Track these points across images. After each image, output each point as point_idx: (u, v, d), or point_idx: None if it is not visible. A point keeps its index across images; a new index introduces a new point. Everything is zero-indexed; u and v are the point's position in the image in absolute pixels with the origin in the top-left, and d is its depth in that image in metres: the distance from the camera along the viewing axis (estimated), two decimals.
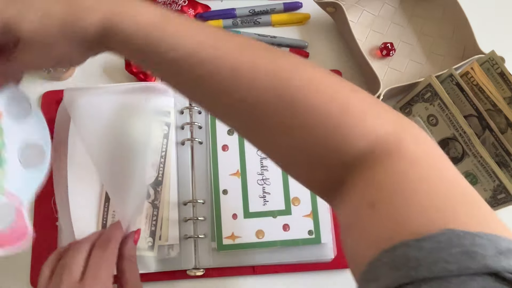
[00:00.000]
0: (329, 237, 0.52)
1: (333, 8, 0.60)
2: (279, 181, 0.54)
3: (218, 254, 0.52)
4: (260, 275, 0.53)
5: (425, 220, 0.25)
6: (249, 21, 0.64)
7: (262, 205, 0.53)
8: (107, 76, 0.61)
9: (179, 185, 0.54)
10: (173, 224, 0.52)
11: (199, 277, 0.52)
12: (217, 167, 0.54)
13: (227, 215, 0.53)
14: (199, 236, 0.52)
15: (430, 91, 0.54)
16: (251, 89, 0.30)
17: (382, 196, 0.28)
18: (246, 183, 0.54)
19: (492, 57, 0.52)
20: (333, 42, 0.65)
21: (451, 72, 0.54)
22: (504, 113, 0.51)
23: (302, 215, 0.52)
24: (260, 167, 0.54)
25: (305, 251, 0.52)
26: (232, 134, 0.56)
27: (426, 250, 0.24)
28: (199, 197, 0.54)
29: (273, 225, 0.52)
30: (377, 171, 0.29)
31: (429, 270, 0.23)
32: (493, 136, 0.52)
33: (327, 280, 0.53)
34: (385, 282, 0.24)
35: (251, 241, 0.52)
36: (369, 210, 0.28)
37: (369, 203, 0.28)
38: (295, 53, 0.62)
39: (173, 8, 0.62)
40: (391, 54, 0.63)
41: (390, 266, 0.25)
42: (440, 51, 0.63)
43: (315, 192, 0.35)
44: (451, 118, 0.53)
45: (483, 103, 0.53)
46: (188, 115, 0.57)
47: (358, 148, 0.29)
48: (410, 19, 0.65)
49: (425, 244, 0.24)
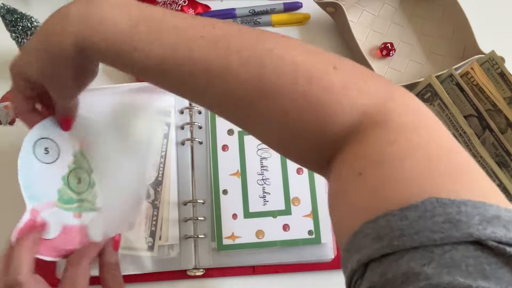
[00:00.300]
0: (329, 237, 0.52)
1: (333, 8, 0.60)
2: (279, 181, 0.54)
3: (218, 254, 0.52)
4: (260, 275, 0.53)
5: (410, 190, 0.25)
6: (249, 21, 0.64)
7: (262, 205, 0.53)
8: (107, 76, 0.61)
9: (179, 185, 0.54)
10: (173, 224, 0.52)
11: (199, 277, 0.52)
12: (217, 167, 0.54)
13: (227, 215, 0.53)
14: (199, 236, 0.52)
15: (430, 91, 0.54)
16: (227, 84, 0.31)
17: (368, 166, 0.27)
18: (246, 183, 0.54)
19: (492, 57, 0.52)
20: (333, 42, 0.65)
21: (451, 72, 0.54)
22: (504, 113, 0.51)
23: (302, 215, 0.52)
24: (260, 167, 0.54)
25: (305, 251, 0.52)
26: (232, 134, 0.56)
27: (410, 219, 0.23)
28: (199, 197, 0.54)
29: (273, 225, 0.52)
30: (365, 142, 0.28)
31: (412, 240, 0.23)
32: (493, 136, 0.52)
33: (327, 280, 0.53)
34: (368, 252, 0.24)
35: (251, 241, 0.52)
36: (355, 181, 0.27)
37: (356, 174, 0.28)
38: None
39: (173, 8, 0.62)
40: (391, 54, 0.63)
41: (373, 236, 0.24)
42: (440, 51, 0.63)
43: (312, 170, 0.35)
44: (451, 118, 0.53)
45: (483, 103, 0.53)
46: (188, 115, 0.57)
47: (344, 124, 0.29)
48: (410, 19, 0.65)
49: (409, 213, 0.23)
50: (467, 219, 0.22)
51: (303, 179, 0.54)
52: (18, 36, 0.53)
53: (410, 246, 0.23)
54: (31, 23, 0.53)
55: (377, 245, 0.24)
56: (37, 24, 0.53)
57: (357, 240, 0.25)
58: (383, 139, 0.28)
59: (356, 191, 0.27)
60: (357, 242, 0.25)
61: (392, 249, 0.23)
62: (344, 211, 0.29)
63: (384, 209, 0.25)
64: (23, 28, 0.52)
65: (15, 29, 0.52)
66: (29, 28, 0.53)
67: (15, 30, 0.52)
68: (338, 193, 0.30)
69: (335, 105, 0.29)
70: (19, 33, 0.53)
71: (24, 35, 0.53)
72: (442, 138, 0.28)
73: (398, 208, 0.24)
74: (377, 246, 0.24)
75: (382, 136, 0.28)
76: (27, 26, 0.52)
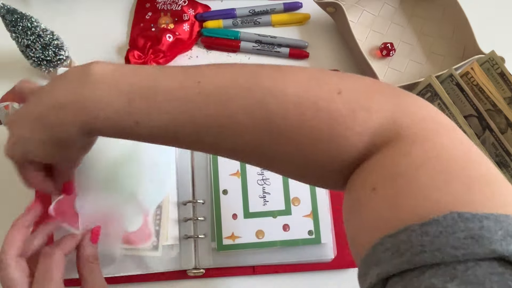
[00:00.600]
0: (329, 237, 0.52)
1: (333, 8, 0.60)
2: (279, 181, 0.54)
3: (218, 254, 0.52)
4: (260, 275, 0.53)
5: (429, 203, 0.24)
6: (249, 21, 0.64)
7: (262, 205, 0.53)
8: None
9: (179, 185, 0.54)
10: (173, 224, 0.52)
11: (199, 277, 0.52)
12: (217, 167, 0.54)
13: (227, 215, 0.53)
14: (199, 236, 0.52)
15: (430, 91, 0.54)
16: (236, 137, 0.31)
17: (383, 180, 0.27)
18: (246, 183, 0.54)
19: (492, 57, 0.52)
20: (333, 42, 0.65)
21: (451, 72, 0.54)
22: (504, 113, 0.51)
23: (302, 215, 0.52)
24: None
25: (305, 251, 0.52)
26: None
27: (431, 235, 0.23)
28: (199, 197, 0.54)
29: (273, 225, 0.52)
30: (378, 157, 0.28)
31: (434, 256, 0.22)
32: (493, 136, 0.52)
33: (327, 280, 0.53)
34: (387, 267, 0.24)
35: (251, 241, 0.52)
36: (370, 194, 0.27)
37: (371, 188, 0.27)
38: (295, 53, 0.63)
39: (173, 8, 0.62)
40: (391, 54, 0.63)
41: (393, 251, 0.24)
42: (440, 51, 0.63)
43: (329, 189, 0.35)
44: (451, 118, 0.53)
45: (483, 103, 0.53)
46: None
47: (357, 149, 0.29)
48: (410, 19, 0.65)
49: (430, 228, 0.23)
50: (489, 235, 0.22)
51: None
52: (18, 36, 0.53)
53: (432, 262, 0.22)
54: (31, 23, 0.53)
55: (397, 260, 0.24)
56: (37, 24, 0.53)
57: (376, 254, 0.25)
58: (396, 153, 0.28)
59: (373, 204, 0.27)
60: (377, 255, 0.25)
61: (412, 265, 0.23)
62: (360, 224, 0.28)
63: (404, 222, 0.24)
64: (23, 28, 0.52)
65: (15, 29, 0.52)
66: (29, 28, 0.53)
67: (15, 30, 0.52)
68: (353, 206, 0.30)
69: (345, 132, 0.29)
70: (19, 33, 0.53)
71: (24, 35, 0.53)
72: (458, 146, 0.27)
73: (419, 222, 0.23)
74: (397, 262, 0.23)
75: (395, 150, 0.28)
76: (27, 26, 0.52)
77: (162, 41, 0.59)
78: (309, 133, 0.29)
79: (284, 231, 0.52)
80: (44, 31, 0.54)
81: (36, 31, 0.53)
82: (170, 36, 0.60)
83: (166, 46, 0.59)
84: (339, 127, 0.29)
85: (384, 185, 0.27)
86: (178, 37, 0.60)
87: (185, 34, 0.61)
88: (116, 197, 0.50)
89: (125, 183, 0.52)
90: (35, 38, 0.53)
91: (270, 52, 0.63)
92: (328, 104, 0.29)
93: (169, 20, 0.61)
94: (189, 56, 0.63)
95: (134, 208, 0.51)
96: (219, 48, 0.63)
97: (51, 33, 0.55)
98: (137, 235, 0.50)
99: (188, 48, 0.63)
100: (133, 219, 0.51)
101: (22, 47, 0.54)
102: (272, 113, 0.30)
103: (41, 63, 0.56)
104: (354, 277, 0.28)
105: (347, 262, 0.53)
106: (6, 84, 0.63)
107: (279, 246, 0.52)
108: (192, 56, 0.63)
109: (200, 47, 0.64)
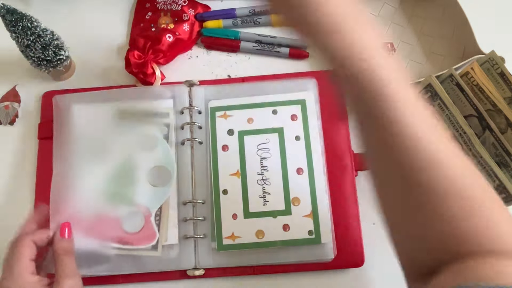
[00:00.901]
0: (329, 237, 0.52)
1: None
2: (279, 181, 0.54)
3: (218, 254, 0.52)
4: (260, 275, 0.53)
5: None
6: (249, 21, 0.64)
7: (262, 205, 0.53)
8: (106, 76, 0.61)
9: (179, 185, 0.54)
10: (173, 224, 0.52)
11: (199, 277, 0.52)
12: (217, 167, 0.54)
13: (227, 215, 0.53)
14: (199, 236, 0.52)
15: (430, 91, 0.54)
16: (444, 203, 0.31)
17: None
18: (246, 183, 0.54)
19: (492, 57, 0.52)
20: None
21: (451, 72, 0.54)
22: (504, 113, 0.51)
23: (302, 215, 0.52)
24: (260, 167, 0.54)
25: (305, 251, 0.52)
26: (232, 134, 0.56)
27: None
28: (199, 197, 0.54)
29: (273, 225, 0.52)
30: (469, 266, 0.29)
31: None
32: (493, 136, 0.52)
33: (327, 280, 0.53)
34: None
35: (251, 241, 0.52)
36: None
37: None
38: (295, 53, 0.62)
39: (173, 8, 0.62)
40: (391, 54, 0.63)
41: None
42: (440, 51, 0.63)
43: (409, 276, 0.35)
44: (451, 118, 0.53)
45: (483, 103, 0.53)
46: (188, 115, 0.57)
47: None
48: (410, 19, 0.65)
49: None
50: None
51: (303, 179, 0.54)
52: (18, 36, 0.53)
53: None
54: (31, 23, 0.53)
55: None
56: (37, 24, 0.53)
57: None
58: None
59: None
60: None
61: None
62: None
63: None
64: (23, 28, 0.52)
65: (15, 29, 0.52)
66: (29, 28, 0.53)
67: (15, 30, 0.52)
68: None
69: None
70: (19, 33, 0.53)
71: (24, 35, 0.53)
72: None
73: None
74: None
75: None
76: (27, 26, 0.52)
77: (162, 41, 0.59)
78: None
79: (284, 231, 0.52)
80: (44, 31, 0.54)
81: (36, 31, 0.53)
82: (170, 36, 0.60)
83: (166, 46, 0.59)
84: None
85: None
86: (178, 37, 0.60)
87: (185, 34, 0.61)
88: (112, 199, 0.51)
89: (124, 184, 0.52)
90: (35, 38, 0.53)
91: (270, 52, 0.63)
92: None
93: (169, 20, 0.61)
94: (189, 56, 0.63)
95: (133, 210, 0.52)
96: (219, 48, 0.63)
97: (51, 33, 0.55)
98: (139, 236, 0.51)
99: (188, 48, 0.63)
100: (132, 220, 0.51)
101: (22, 47, 0.54)
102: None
103: (41, 63, 0.56)
104: (354, 277, 0.28)
105: (347, 262, 0.53)
106: (6, 84, 0.63)
107: (279, 246, 0.52)
108: (192, 56, 0.63)
109: (200, 47, 0.64)
